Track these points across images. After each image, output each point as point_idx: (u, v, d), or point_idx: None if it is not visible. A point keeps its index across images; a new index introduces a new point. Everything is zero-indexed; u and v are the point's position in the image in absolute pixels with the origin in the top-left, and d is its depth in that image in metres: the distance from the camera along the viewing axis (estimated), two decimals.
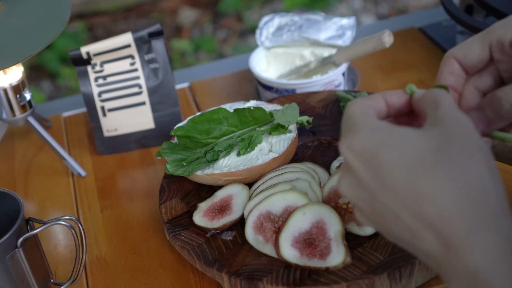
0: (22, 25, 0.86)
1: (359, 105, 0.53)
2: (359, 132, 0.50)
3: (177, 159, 0.82)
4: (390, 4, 2.75)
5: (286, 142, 0.81)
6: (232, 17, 2.76)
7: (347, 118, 0.53)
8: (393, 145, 0.48)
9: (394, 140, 0.49)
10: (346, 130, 0.52)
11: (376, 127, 0.50)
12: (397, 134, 0.49)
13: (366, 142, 0.50)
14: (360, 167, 0.49)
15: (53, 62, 2.59)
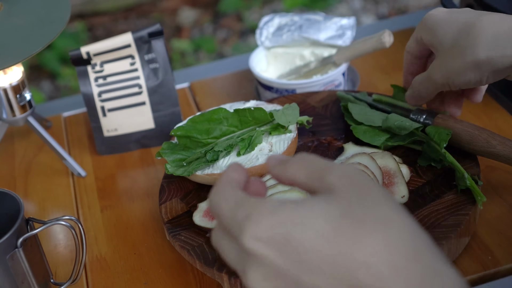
0: (22, 25, 0.86)
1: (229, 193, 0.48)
2: (258, 219, 0.45)
3: (177, 159, 0.82)
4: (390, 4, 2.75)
5: (286, 142, 0.81)
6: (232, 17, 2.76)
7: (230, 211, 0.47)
8: (301, 221, 0.44)
9: (300, 216, 0.44)
10: (241, 223, 0.45)
11: (274, 208, 0.45)
12: (299, 209, 0.45)
13: (272, 228, 0.44)
14: (274, 255, 0.44)
15: (53, 62, 2.59)
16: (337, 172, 0.46)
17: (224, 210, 0.47)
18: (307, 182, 0.48)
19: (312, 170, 0.48)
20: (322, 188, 0.47)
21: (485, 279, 0.71)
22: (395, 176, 0.75)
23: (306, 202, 0.45)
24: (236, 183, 0.49)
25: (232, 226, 0.46)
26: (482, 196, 0.72)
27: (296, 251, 0.43)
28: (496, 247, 0.73)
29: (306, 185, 0.48)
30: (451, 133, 0.76)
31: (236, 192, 0.48)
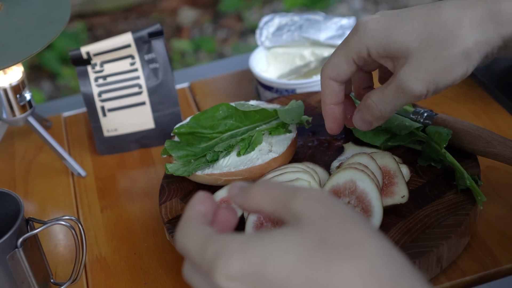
0: (22, 25, 0.86)
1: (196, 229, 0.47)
2: (229, 257, 0.43)
3: (183, 155, 0.82)
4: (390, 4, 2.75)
5: (286, 142, 0.81)
6: (232, 17, 2.76)
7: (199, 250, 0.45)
8: (273, 255, 0.43)
9: (271, 251, 0.43)
10: (211, 262, 0.44)
11: (244, 245, 0.44)
12: (270, 244, 0.43)
13: (244, 265, 0.43)
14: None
15: (53, 62, 2.59)
16: (301, 199, 0.45)
17: (192, 249, 0.46)
18: (273, 211, 0.46)
19: (276, 198, 0.46)
20: (289, 217, 0.45)
21: (485, 279, 0.71)
22: (395, 176, 0.75)
23: (276, 235, 0.44)
24: (202, 217, 0.48)
25: (203, 265, 0.45)
26: (482, 196, 0.72)
27: (273, 285, 0.42)
28: (496, 247, 0.73)
29: (272, 214, 0.47)
30: (451, 133, 0.76)
31: (203, 228, 0.46)
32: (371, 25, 0.64)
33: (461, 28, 0.61)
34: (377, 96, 0.67)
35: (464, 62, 0.62)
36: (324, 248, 0.42)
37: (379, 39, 0.64)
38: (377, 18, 0.65)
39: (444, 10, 0.62)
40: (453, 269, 0.71)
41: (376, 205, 0.71)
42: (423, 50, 0.62)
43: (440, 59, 0.62)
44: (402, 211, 0.73)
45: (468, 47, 0.61)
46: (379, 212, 0.71)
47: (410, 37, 0.62)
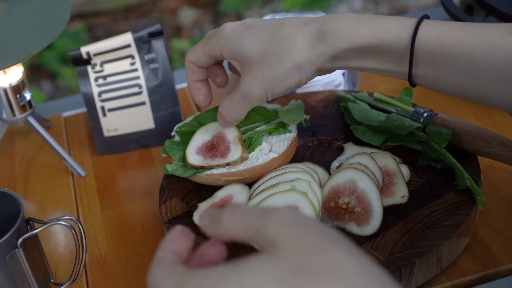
0: (22, 25, 0.86)
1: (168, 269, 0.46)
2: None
3: (183, 156, 0.82)
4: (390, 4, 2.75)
5: (286, 142, 0.81)
6: (232, 17, 2.76)
7: None
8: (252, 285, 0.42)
9: (249, 281, 0.42)
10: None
11: (220, 278, 0.43)
12: (246, 275, 0.42)
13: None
14: None
15: (53, 62, 2.59)
16: (273, 223, 0.44)
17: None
18: (247, 238, 0.46)
19: (248, 224, 0.46)
20: (263, 243, 0.45)
21: (485, 279, 0.71)
22: (395, 176, 0.75)
23: (252, 265, 0.43)
24: (175, 256, 0.47)
25: None
26: (482, 196, 0.72)
27: None
28: (496, 247, 0.73)
29: (247, 240, 0.46)
30: (451, 134, 0.76)
31: (176, 268, 0.46)
32: (227, 32, 0.73)
33: (295, 45, 0.70)
34: (226, 103, 0.76)
35: (296, 74, 0.70)
36: (301, 273, 0.41)
37: (229, 46, 0.73)
38: (235, 27, 0.74)
39: (284, 27, 0.71)
40: (453, 269, 0.71)
41: (376, 205, 0.71)
42: (262, 60, 0.71)
43: (275, 70, 0.70)
44: (402, 211, 0.73)
45: (300, 62, 0.70)
46: (379, 212, 0.71)
47: (253, 49, 0.72)
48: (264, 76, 0.71)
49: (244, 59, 0.73)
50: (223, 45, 0.74)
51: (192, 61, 0.78)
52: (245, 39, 0.72)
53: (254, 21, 0.75)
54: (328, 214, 0.73)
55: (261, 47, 0.71)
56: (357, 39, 0.68)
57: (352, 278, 0.41)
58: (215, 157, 0.79)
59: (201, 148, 0.81)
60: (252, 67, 0.72)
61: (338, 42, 0.69)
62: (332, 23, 0.69)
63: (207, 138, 0.81)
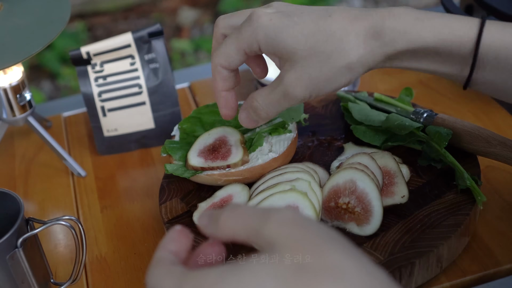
0: (22, 25, 0.86)
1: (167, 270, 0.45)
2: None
3: (183, 155, 0.82)
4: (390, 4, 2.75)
5: (286, 142, 0.81)
6: None
7: None
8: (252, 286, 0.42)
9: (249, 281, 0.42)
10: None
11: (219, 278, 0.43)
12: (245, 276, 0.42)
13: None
14: None
15: (53, 62, 2.59)
16: (273, 224, 0.44)
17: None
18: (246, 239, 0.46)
19: (247, 225, 0.45)
20: (263, 243, 0.44)
21: (485, 279, 0.71)
22: (395, 176, 0.75)
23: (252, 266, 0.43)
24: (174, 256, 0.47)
25: None
26: (482, 196, 0.72)
27: None
28: (496, 247, 0.73)
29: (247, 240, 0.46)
30: (451, 134, 0.76)
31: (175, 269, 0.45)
32: (264, 21, 0.65)
33: (347, 42, 0.63)
34: (263, 98, 0.68)
35: (347, 74, 0.64)
36: (301, 274, 0.41)
37: (269, 38, 0.65)
38: (271, 15, 0.65)
39: (333, 20, 0.64)
40: (453, 269, 0.71)
41: (376, 205, 0.71)
42: (309, 57, 0.63)
43: (324, 69, 0.63)
44: (402, 211, 0.73)
45: (352, 62, 0.63)
46: (379, 212, 0.71)
47: (298, 43, 0.64)
48: (311, 75, 0.64)
49: (286, 54, 0.65)
50: (262, 36, 0.65)
51: (223, 65, 0.68)
52: (288, 31, 0.64)
53: (290, 9, 0.66)
54: (328, 214, 0.73)
55: (307, 42, 0.63)
56: (416, 40, 0.63)
57: (352, 278, 0.41)
58: (216, 159, 0.79)
59: (203, 151, 0.81)
60: (296, 64, 0.64)
61: (396, 42, 0.63)
62: (389, 20, 0.63)
63: (209, 141, 0.81)
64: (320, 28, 0.63)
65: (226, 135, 0.81)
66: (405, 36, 0.63)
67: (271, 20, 0.65)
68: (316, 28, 0.64)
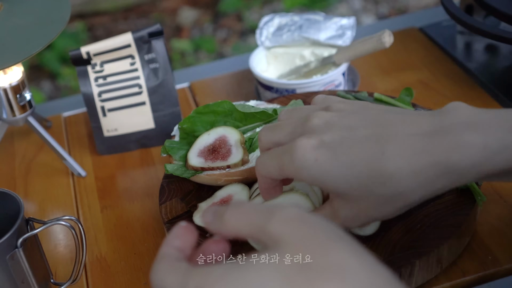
0: (22, 25, 0.86)
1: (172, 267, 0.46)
2: None
3: (183, 155, 0.82)
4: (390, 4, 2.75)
5: None
6: (232, 17, 2.76)
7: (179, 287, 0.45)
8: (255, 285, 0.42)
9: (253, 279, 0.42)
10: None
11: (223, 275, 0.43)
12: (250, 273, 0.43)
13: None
14: None
15: (53, 62, 2.59)
16: (277, 221, 0.44)
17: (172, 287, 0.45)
18: (251, 235, 0.46)
19: (252, 222, 0.45)
20: (267, 240, 0.44)
21: (485, 279, 0.71)
22: None
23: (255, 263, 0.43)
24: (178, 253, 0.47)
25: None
26: (482, 196, 0.72)
27: None
28: (496, 247, 0.73)
29: (251, 237, 0.46)
30: None
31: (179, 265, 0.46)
32: (309, 162, 0.58)
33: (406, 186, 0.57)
34: None
35: (404, 208, 0.60)
36: (305, 271, 0.41)
37: (315, 180, 0.59)
38: (316, 154, 0.58)
39: (388, 160, 0.56)
40: (453, 269, 0.71)
41: None
42: (364, 199, 0.58)
43: (383, 211, 0.59)
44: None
45: (413, 202, 0.59)
46: None
47: (351, 187, 0.58)
48: (369, 214, 0.59)
49: (337, 194, 0.60)
50: (306, 177, 0.59)
51: (265, 175, 0.63)
52: (336, 172, 0.57)
53: (336, 139, 0.58)
54: None
55: (360, 185, 0.57)
56: (488, 171, 0.56)
57: (356, 276, 0.41)
58: (216, 159, 0.79)
59: (203, 151, 0.81)
60: (351, 203, 0.59)
61: (464, 177, 0.56)
62: (455, 155, 0.55)
63: (210, 142, 0.81)
64: (373, 170, 0.57)
65: (226, 135, 0.81)
66: (474, 169, 0.56)
67: (316, 161, 0.58)
68: (368, 169, 0.57)
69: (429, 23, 1.16)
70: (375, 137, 0.57)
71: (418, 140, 0.56)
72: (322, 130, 0.59)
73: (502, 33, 0.90)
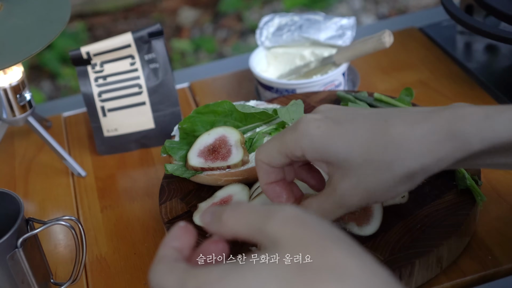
0: (22, 25, 0.86)
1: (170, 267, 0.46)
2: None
3: (184, 155, 0.82)
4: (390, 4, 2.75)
5: None
6: (232, 17, 2.76)
7: None
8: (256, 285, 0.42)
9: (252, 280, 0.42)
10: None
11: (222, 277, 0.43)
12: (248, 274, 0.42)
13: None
14: None
15: (53, 62, 2.59)
16: (276, 222, 0.44)
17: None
18: (249, 236, 0.46)
19: (250, 222, 0.45)
20: (266, 241, 0.44)
21: (485, 279, 0.71)
22: None
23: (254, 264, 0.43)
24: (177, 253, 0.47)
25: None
26: (482, 196, 0.72)
27: None
28: (496, 247, 0.73)
29: (249, 238, 0.46)
30: None
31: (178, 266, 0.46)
32: (311, 129, 0.59)
33: (408, 150, 0.57)
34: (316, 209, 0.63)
35: (407, 183, 0.58)
36: (304, 273, 0.41)
37: (317, 146, 0.59)
38: (319, 122, 0.59)
39: (390, 125, 0.58)
40: (453, 269, 0.71)
41: (376, 205, 0.71)
42: (365, 166, 0.58)
43: (382, 179, 0.58)
44: (402, 211, 0.73)
45: (414, 171, 0.57)
46: (379, 212, 0.71)
47: (352, 152, 0.58)
48: (368, 185, 0.59)
49: (337, 163, 0.59)
50: (308, 145, 0.59)
51: (264, 161, 0.63)
52: (339, 139, 0.58)
53: (340, 114, 0.61)
54: None
55: (362, 151, 0.58)
56: (491, 139, 0.56)
57: (355, 276, 0.41)
58: (216, 159, 0.79)
59: (203, 151, 0.81)
60: (350, 173, 0.59)
61: (468, 144, 0.56)
62: (457, 123, 0.56)
63: (210, 142, 0.81)
64: (377, 135, 0.58)
65: (226, 135, 0.81)
66: (478, 136, 0.56)
67: (319, 128, 0.59)
68: (371, 135, 0.58)
69: (429, 23, 1.17)
70: (377, 112, 0.60)
71: (417, 113, 0.58)
72: (327, 111, 0.62)
73: (502, 33, 0.90)
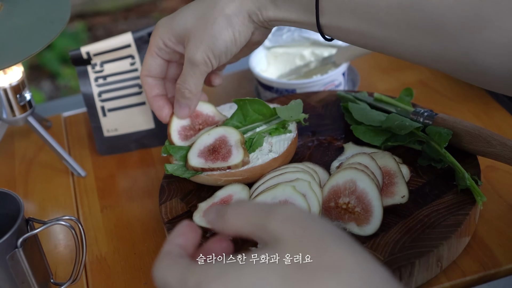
0: (22, 25, 0.86)
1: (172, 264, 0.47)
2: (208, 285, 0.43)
3: (184, 155, 0.82)
4: None
5: (286, 142, 0.81)
6: None
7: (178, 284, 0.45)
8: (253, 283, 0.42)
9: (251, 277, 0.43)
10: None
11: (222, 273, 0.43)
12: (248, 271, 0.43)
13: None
14: None
15: (53, 62, 2.59)
16: (277, 220, 0.45)
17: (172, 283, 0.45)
18: (252, 233, 0.46)
19: (252, 220, 0.46)
20: (268, 238, 0.45)
21: (485, 279, 0.71)
22: (395, 176, 0.75)
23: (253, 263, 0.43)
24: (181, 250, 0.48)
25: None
26: (482, 196, 0.72)
27: None
28: (496, 247, 0.73)
29: (252, 235, 0.47)
30: (451, 134, 0.76)
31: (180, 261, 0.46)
32: (162, 20, 0.79)
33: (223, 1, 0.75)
34: (179, 78, 0.80)
35: (228, 27, 0.75)
36: (303, 269, 0.42)
37: (166, 28, 0.79)
38: (172, 15, 0.79)
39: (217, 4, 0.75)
40: (453, 269, 0.71)
41: (376, 205, 0.71)
42: (198, 26, 0.76)
43: (209, 28, 0.76)
44: (402, 211, 0.73)
45: (228, 14, 0.75)
46: (379, 212, 0.71)
47: (188, 19, 0.77)
48: (202, 38, 0.76)
49: (185, 33, 0.78)
50: (162, 30, 0.79)
51: (145, 73, 0.82)
52: (180, 15, 0.78)
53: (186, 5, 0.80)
54: (328, 214, 0.73)
55: (196, 16, 0.76)
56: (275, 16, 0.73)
57: (354, 274, 0.42)
58: (216, 160, 0.79)
59: (203, 151, 0.81)
60: (192, 36, 0.77)
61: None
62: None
63: (210, 142, 0.81)
64: (205, 2, 0.77)
65: (226, 135, 0.81)
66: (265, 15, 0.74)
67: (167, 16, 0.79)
68: (202, 3, 0.77)
69: None
70: None
71: None
72: None
73: None
